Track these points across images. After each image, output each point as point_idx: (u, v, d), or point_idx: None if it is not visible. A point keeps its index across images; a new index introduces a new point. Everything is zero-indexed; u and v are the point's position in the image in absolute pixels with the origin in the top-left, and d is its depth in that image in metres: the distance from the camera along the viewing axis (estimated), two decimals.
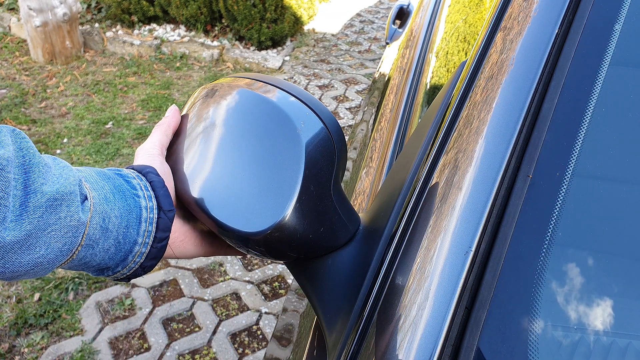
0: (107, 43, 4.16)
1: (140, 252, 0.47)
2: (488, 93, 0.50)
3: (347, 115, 3.58)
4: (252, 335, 2.02)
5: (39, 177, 0.39)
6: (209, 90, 0.54)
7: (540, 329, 0.39)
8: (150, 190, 0.48)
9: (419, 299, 0.41)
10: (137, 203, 0.47)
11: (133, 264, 0.48)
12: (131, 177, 0.48)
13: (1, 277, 0.39)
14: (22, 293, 2.10)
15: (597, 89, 0.47)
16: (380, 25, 5.22)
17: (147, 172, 0.49)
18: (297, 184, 0.47)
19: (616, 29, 0.49)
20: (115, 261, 0.47)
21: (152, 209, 0.47)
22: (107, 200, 0.45)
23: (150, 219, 0.47)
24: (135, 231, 0.46)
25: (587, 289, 0.41)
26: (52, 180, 0.40)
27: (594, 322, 0.40)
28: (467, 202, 0.44)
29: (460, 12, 0.96)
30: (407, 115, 0.94)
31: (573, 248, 0.43)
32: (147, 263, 0.48)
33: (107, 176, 0.47)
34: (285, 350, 0.89)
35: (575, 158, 0.44)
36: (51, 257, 0.41)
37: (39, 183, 0.39)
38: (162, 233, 0.48)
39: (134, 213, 0.46)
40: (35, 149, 0.41)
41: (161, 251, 0.49)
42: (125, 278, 0.49)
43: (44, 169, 0.40)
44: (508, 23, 0.55)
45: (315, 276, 0.53)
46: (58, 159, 0.43)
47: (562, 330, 0.40)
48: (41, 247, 0.39)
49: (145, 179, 0.48)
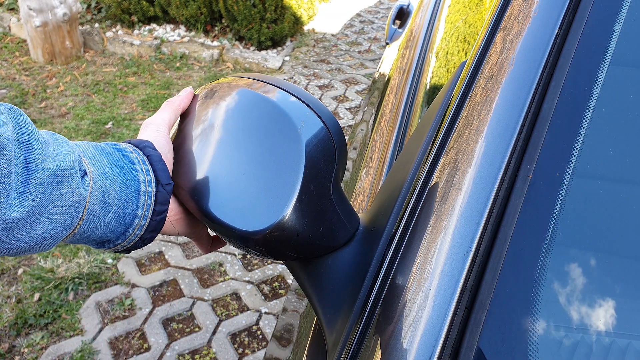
0: (107, 43, 4.16)
1: (140, 225, 0.48)
2: (488, 93, 0.50)
3: (347, 115, 3.58)
4: (252, 335, 2.02)
5: (39, 154, 0.40)
6: (209, 91, 0.54)
7: (540, 329, 0.39)
8: (147, 165, 0.49)
9: (419, 299, 0.41)
10: (135, 177, 0.48)
11: (133, 237, 0.49)
12: (129, 151, 0.49)
13: (7, 253, 0.40)
14: (22, 293, 2.10)
15: (597, 89, 0.47)
16: (380, 25, 5.22)
17: (144, 146, 0.50)
18: (297, 183, 0.47)
19: (616, 29, 0.49)
20: (115, 234, 0.48)
21: (150, 182, 0.49)
22: (106, 175, 0.46)
23: (149, 192, 0.48)
24: (135, 205, 0.48)
25: (587, 289, 0.41)
26: (52, 157, 0.41)
27: (594, 322, 0.40)
28: (467, 202, 0.44)
29: (460, 12, 0.96)
30: (407, 115, 0.94)
31: (573, 248, 0.43)
32: (147, 235, 0.50)
33: (105, 151, 0.48)
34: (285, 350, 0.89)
35: (575, 158, 0.44)
36: (54, 232, 0.42)
37: (39, 160, 0.40)
38: (160, 206, 0.49)
39: (133, 187, 0.47)
40: (34, 126, 0.41)
41: (160, 224, 0.50)
42: (125, 250, 0.51)
43: (43, 146, 0.41)
44: (508, 23, 0.55)
45: (315, 276, 0.53)
46: (56, 135, 0.44)
47: (562, 330, 0.40)
48: (45, 222, 0.40)
49: (143, 153, 0.50)
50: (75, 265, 2.21)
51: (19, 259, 2.25)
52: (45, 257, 2.26)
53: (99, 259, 2.27)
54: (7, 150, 0.37)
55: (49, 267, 2.19)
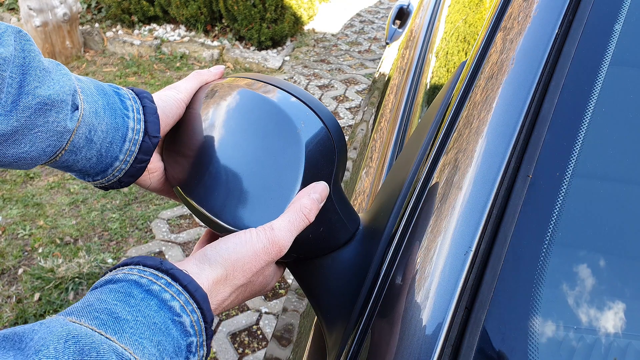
0: (107, 43, 4.16)
1: (119, 168, 0.50)
2: (488, 93, 0.50)
3: (347, 115, 3.58)
4: (252, 335, 2.02)
5: (34, 80, 0.42)
6: (209, 91, 0.54)
7: (540, 329, 0.39)
8: (141, 114, 0.51)
9: (419, 299, 0.41)
10: (125, 123, 0.49)
11: (112, 177, 0.51)
12: (127, 97, 0.51)
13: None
14: (22, 293, 2.10)
15: (597, 89, 0.47)
16: (380, 25, 5.22)
17: (143, 96, 0.52)
18: (297, 183, 0.47)
19: (616, 29, 0.49)
20: (95, 170, 0.50)
21: (139, 131, 0.50)
22: (96, 114, 0.47)
23: (135, 140, 0.50)
24: (118, 148, 0.49)
25: (587, 289, 0.41)
26: (47, 85, 0.43)
27: (593, 322, 0.40)
28: (467, 202, 0.44)
29: (460, 12, 0.96)
30: (407, 115, 0.94)
31: (573, 248, 0.43)
32: (125, 179, 0.52)
33: (105, 92, 0.50)
34: (285, 350, 0.89)
35: (575, 158, 0.44)
36: (34, 155, 0.44)
37: (33, 85, 0.42)
38: (143, 155, 0.51)
39: (120, 131, 0.49)
40: (40, 53, 0.43)
41: (140, 171, 0.52)
42: (103, 187, 0.53)
43: (41, 73, 0.43)
44: (508, 23, 0.55)
45: (315, 276, 0.53)
46: (62, 66, 0.46)
47: (562, 330, 0.40)
48: (26, 144, 0.43)
49: (140, 103, 0.51)
50: (75, 265, 2.21)
51: (20, 258, 2.25)
52: (46, 257, 2.26)
53: (99, 258, 2.27)
54: (1, 70, 0.39)
55: (49, 267, 2.19)
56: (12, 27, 0.41)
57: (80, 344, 0.31)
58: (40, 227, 2.43)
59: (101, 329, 0.33)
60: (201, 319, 0.38)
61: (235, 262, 0.42)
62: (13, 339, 0.30)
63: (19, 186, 2.67)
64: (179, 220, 2.54)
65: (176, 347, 0.36)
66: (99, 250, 2.33)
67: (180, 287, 0.38)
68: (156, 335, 0.35)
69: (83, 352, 0.31)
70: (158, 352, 0.35)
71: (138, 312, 0.35)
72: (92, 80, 0.50)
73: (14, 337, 0.30)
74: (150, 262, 0.39)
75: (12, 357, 0.29)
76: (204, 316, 0.39)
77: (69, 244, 2.36)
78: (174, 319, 0.37)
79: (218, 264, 0.42)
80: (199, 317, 0.38)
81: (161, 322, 0.36)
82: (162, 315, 0.36)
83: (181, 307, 0.37)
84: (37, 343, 0.30)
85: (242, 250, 0.43)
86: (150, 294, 0.37)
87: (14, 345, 0.30)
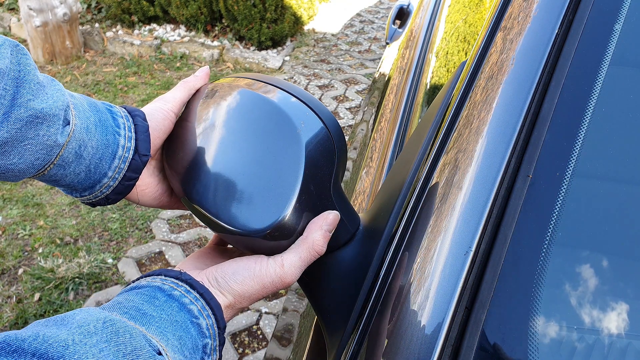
0: (107, 43, 4.16)
1: (107, 185, 0.51)
2: (488, 93, 0.50)
3: (347, 115, 3.58)
4: (252, 335, 2.02)
5: (28, 93, 0.42)
6: (210, 91, 0.54)
7: (540, 329, 0.39)
8: (132, 132, 0.51)
9: (419, 299, 0.41)
10: (116, 140, 0.50)
11: (99, 194, 0.51)
12: (119, 115, 0.51)
13: None
14: (23, 293, 2.10)
15: (597, 89, 0.47)
16: (380, 25, 5.22)
17: (135, 114, 0.52)
18: (297, 183, 0.47)
19: (616, 29, 0.49)
20: (83, 186, 0.50)
21: (129, 149, 0.51)
22: (87, 130, 0.48)
23: (124, 158, 0.50)
24: (107, 165, 0.50)
25: (587, 289, 0.41)
26: (40, 99, 0.43)
27: (593, 322, 0.40)
28: (467, 202, 0.44)
29: (460, 12, 0.96)
30: (407, 115, 0.94)
31: (573, 248, 0.43)
32: (112, 196, 0.52)
33: (97, 109, 0.50)
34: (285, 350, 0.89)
35: (575, 158, 0.44)
36: (22, 167, 0.44)
37: (26, 98, 0.42)
38: (132, 173, 0.51)
39: (111, 148, 0.50)
40: (35, 67, 0.44)
41: (128, 189, 0.52)
42: (90, 203, 0.53)
43: (35, 87, 0.43)
44: (508, 23, 0.55)
45: (315, 276, 0.54)
46: (56, 82, 0.46)
47: (562, 330, 0.40)
48: (15, 156, 0.43)
49: (132, 121, 0.51)
50: (75, 265, 2.21)
51: (20, 258, 2.25)
52: (46, 257, 2.26)
53: (99, 258, 2.27)
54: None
55: (49, 267, 2.19)
56: (9, 41, 0.42)
57: (115, 327, 0.36)
58: (40, 227, 2.43)
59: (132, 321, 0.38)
60: (215, 325, 0.43)
61: (243, 293, 0.47)
62: (56, 319, 0.36)
63: (19, 186, 2.67)
64: (179, 220, 2.54)
65: (194, 345, 0.41)
66: (99, 250, 2.33)
67: (197, 294, 0.43)
68: (178, 330, 0.40)
69: (118, 333, 0.35)
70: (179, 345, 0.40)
71: (162, 311, 0.41)
72: (86, 97, 0.50)
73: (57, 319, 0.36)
74: (171, 273, 0.45)
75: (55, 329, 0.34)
76: (217, 322, 0.43)
77: (69, 244, 2.36)
78: (192, 320, 0.42)
79: (228, 293, 0.46)
80: (214, 322, 0.43)
81: (182, 321, 0.41)
82: (182, 316, 0.41)
83: (198, 311, 0.42)
84: (79, 322, 0.35)
85: (251, 283, 0.47)
86: (171, 297, 0.42)
87: (56, 322, 0.35)
